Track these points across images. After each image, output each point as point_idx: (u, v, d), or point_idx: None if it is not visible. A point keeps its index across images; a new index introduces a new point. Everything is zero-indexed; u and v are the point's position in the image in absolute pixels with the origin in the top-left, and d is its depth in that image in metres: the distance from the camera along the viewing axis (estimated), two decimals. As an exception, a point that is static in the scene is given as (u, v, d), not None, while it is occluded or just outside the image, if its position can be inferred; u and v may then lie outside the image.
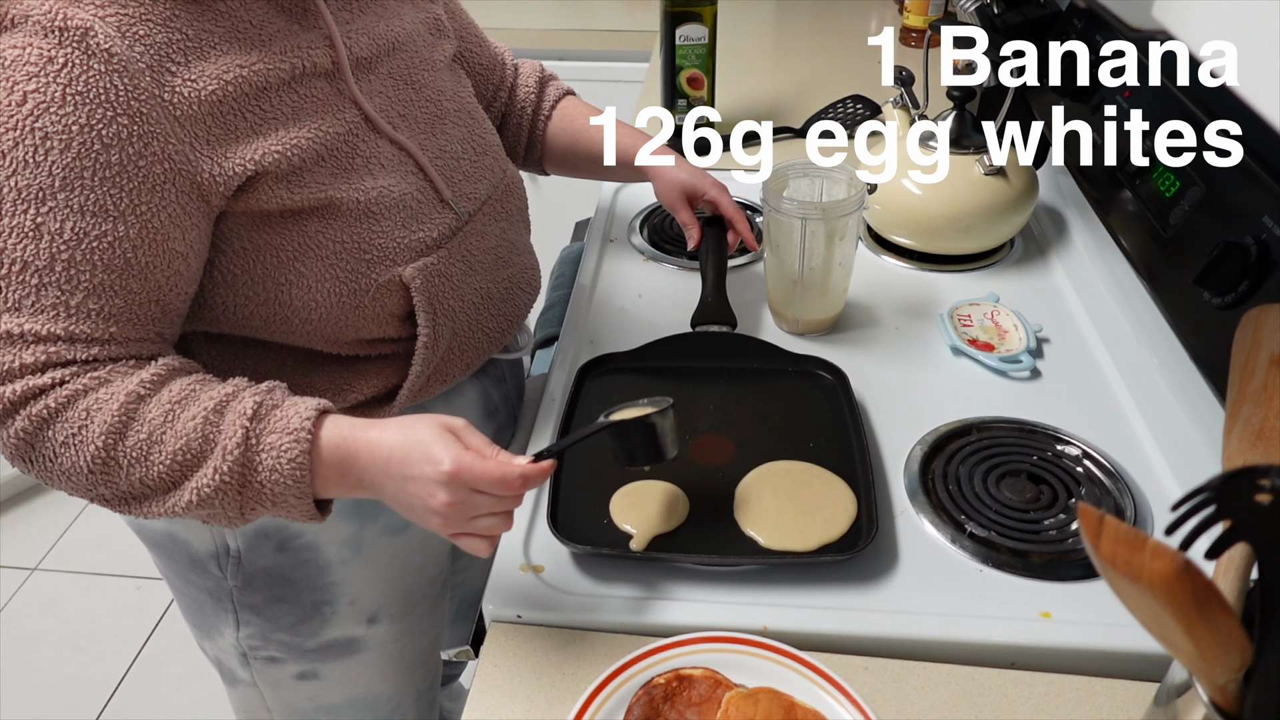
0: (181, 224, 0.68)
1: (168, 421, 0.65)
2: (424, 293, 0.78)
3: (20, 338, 0.63)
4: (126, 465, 0.64)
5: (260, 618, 0.88)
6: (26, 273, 0.63)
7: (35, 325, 0.63)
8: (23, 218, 0.62)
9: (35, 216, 0.62)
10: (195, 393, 0.66)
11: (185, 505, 0.65)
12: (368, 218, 0.75)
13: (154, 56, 0.65)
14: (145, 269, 0.66)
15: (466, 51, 0.99)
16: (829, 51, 1.83)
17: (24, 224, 0.62)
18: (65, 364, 0.64)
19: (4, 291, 0.63)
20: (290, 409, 0.66)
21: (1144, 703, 0.66)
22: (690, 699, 0.67)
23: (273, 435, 0.65)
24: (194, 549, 0.84)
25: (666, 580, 0.76)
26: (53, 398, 0.64)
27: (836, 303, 1.04)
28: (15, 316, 0.63)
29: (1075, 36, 1.17)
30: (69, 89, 0.62)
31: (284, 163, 0.70)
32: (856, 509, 0.80)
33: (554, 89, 1.08)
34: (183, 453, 0.64)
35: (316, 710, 0.97)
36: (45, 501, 2.23)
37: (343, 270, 0.75)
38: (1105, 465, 0.85)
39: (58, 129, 0.62)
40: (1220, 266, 0.80)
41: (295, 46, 0.72)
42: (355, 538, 0.85)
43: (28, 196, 0.62)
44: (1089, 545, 0.44)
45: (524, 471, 0.65)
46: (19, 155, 0.62)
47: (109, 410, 0.64)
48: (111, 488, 0.65)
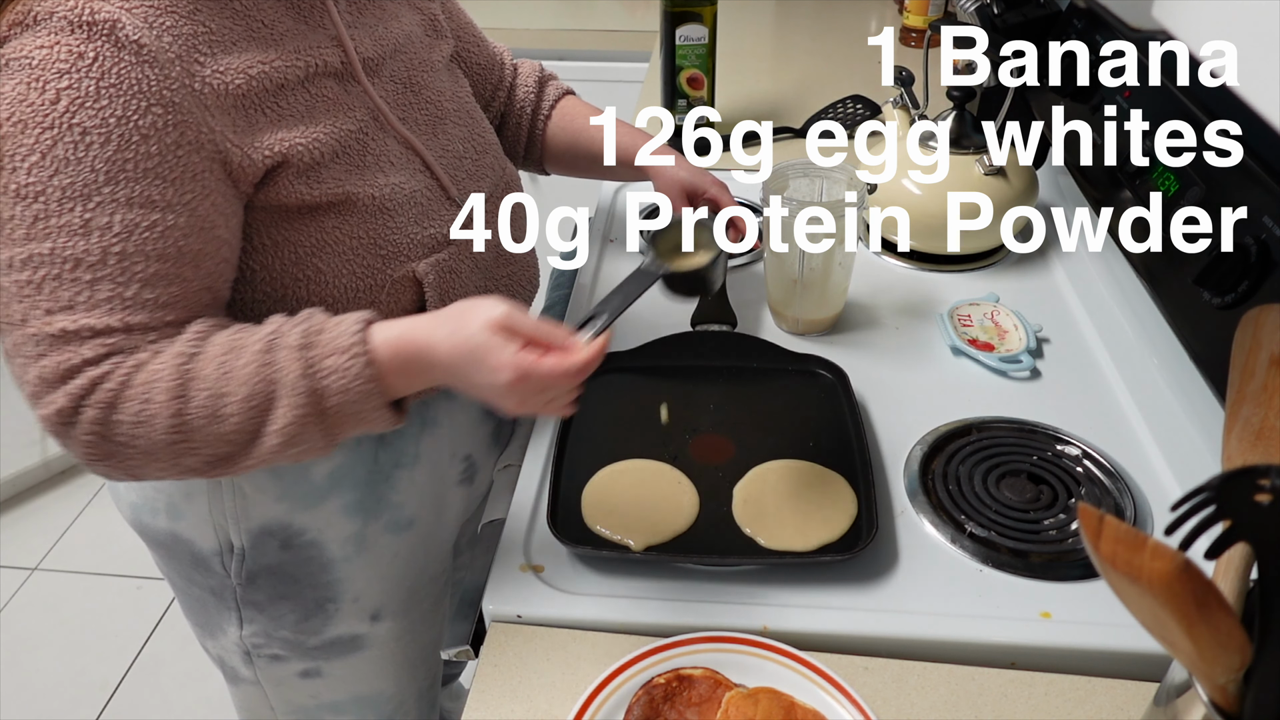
0: (224, 210, 0.68)
1: (224, 374, 0.65)
2: (436, 288, 0.79)
3: (77, 334, 0.63)
4: (200, 426, 0.64)
5: (264, 615, 0.88)
6: (79, 269, 0.63)
7: (91, 320, 0.63)
8: (70, 216, 0.62)
9: (83, 213, 0.62)
10: (239, 341, 0.67)
11: (274, 449, 0.66)
12: (382, 214, 0.76)
13: (182, 47, 0.65)
14: (196, 256, 0.67)
15: (464, 51, 0.99)
16: (829, 51, 1.83)
17: (72, 222, 0.62)
18: (130, 355, 0.65)
19: (58, 291, 0.63)
20: (335, 329, 0.67)
21: (1144, 703, 0.66)
22: (690, 699, 0.67)
23: (329, 359, 0.65)
24: (197, 548, 0.84)
25: (666, 580, 0.76)
26: (113, 381, 0.64)
27: (836, 302, 1.04)
28: (70, 314, 0.63)
29: (1075, 36, 1.17)
30: (102, 83, 0.62)
31: (305, 155, 0.71)
32: (857, 508, 0.80)
33: (553, 88, 1.08)
34: (250, 399, 0.65)
35: (319, 708, 0.97)
36: (45, 501, 2.23)
37: (358, 266, 0.75)
38: (1105, 465, 0.85)
39: (95, 123, 0.62)
40: (1220, 266, 0.80)
41: (307, 46, 0.73)
42: (359, 534, 0.86)
43: (73, 194, 0.62)
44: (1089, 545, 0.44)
45: (585, 361, 0.65)
46: (59, 154, 0.61)
47: (165, 378, 0.64)
48: (196, 454, 0.66)
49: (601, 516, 0.80)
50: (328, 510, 0.83)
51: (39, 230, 0.62)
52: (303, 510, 0.82)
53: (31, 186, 0.62)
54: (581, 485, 0.84)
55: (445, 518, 0.95)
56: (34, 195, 0.62)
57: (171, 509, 0.83)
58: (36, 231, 0.62)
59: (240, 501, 0.81)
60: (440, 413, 0.89)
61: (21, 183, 0.62)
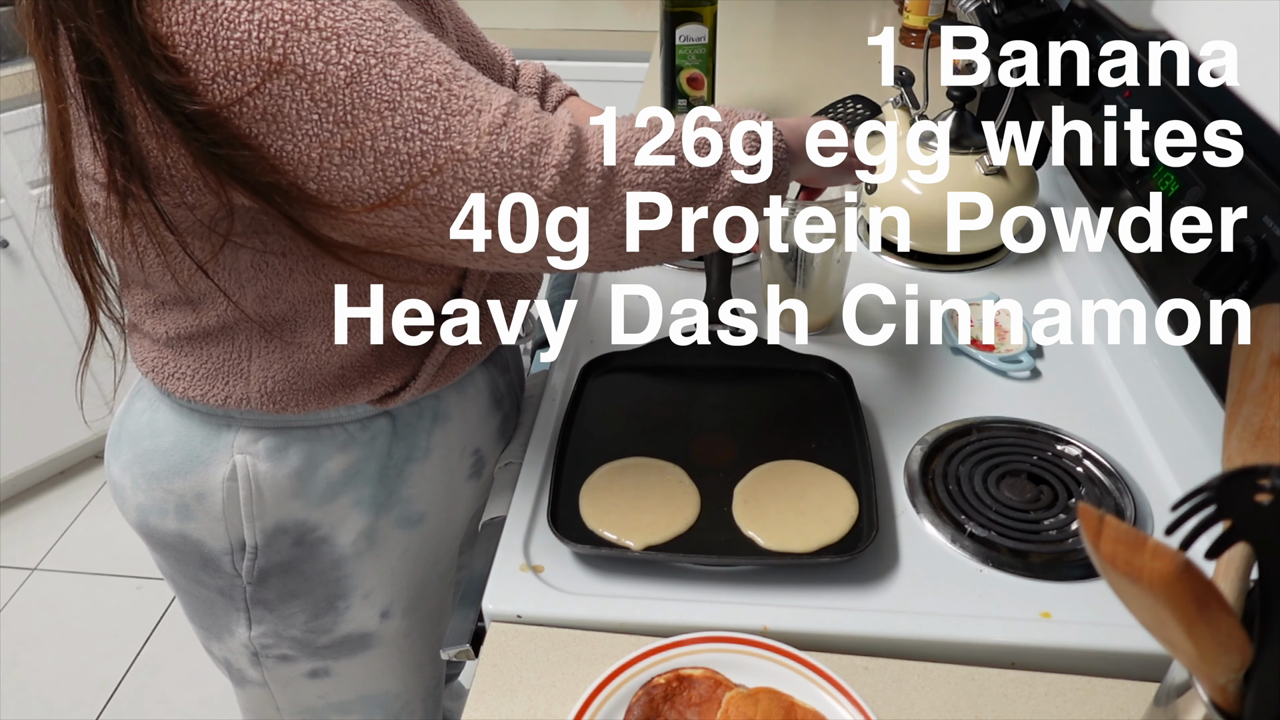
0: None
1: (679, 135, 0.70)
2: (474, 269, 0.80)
3: (509, 111, 0.64)
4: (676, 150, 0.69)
5: (273, 615, 0.88)
6: (455, 81, 0.62)
7: (501, 99, 0.64)
8: (405, 56, 0.61)
9: (407, 46, 0.61)
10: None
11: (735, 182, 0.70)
12: None
13: None
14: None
15: (464, 51, 0.99)
16: (829, 51, 1.83)
17: (410, 56, 0.61)
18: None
19: (461, 105, 0.62)
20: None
21: (1144, 703, 0.66)
22: (690, 699, 0.67)
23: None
24: (207, 548, 0.84)
25: (666, 580, 0.76)
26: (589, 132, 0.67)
27: (834, 301, 1.04)
28: (489, 108, 0.63)
29: (1075, 36, 1.17)
30: None
31: None
32: (857, 509, 0.80)
33: (556, 90, 1.08)
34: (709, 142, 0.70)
35: (327, 708, 0.97)
36: (45, 501, 2.24)
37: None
38: (1105, 465, 0.85)
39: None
40: (1220, 266, 0.80)
41: None
42: (370, 529, 0.86)
43: (387, 37, 0.60)
44: (1089, 545, 0.44)
45: None
46: (342, 26, 0.59)
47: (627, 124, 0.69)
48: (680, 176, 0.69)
49: (602, 516, 0.80)
50: (340, 506, 0.83)
51: (396, 82, 0.60)
52: (316, 506, 0.82)
53: (355, 62, 0.59)
54: (582, 484, 0.84)
55: (455, 512, 0.95)
56: (363, 65, 0.60)
57: (182, 510, 0.82)
58: (395, 83, 0.60)
59: (257, 499, 0.81)
60: (451, 406, 0.89)
61: (346, 64, 0.59)
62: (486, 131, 0.62)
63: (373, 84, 0.60)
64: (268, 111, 0.59)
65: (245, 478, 0.80)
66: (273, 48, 0.58)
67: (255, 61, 0.58)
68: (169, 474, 0.81)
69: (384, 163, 0.61)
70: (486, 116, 0.63)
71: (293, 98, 0.59)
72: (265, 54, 0.58)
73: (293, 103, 0.59)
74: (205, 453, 0.80)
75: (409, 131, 0.61)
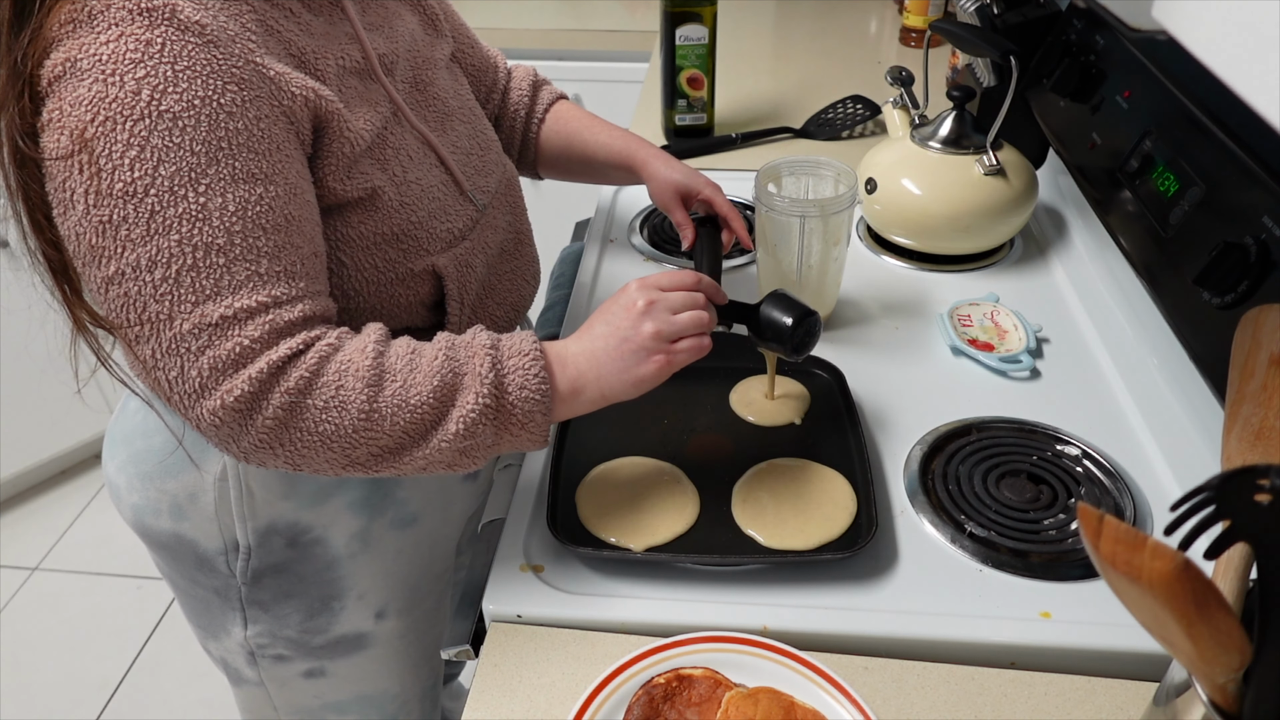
0: (304, 176, 0.69)
1: (413, 368, 0.67)
2: (456, 280, 0.81)
3: (234, 319, 0.63)
4: (389, 414, 0.66)
5: (269, 615, 0.88)
6: (211, 254, 0.62)
7: (241, 302, 0.63)
8: (186, 203, 0.61)
9: (197, 198, 0.62)
10: (418, 344, 0.69)
11: (449, 440, 0.67)
12: (404, 208, 0.77)
13: (237, 26, 0.65)
14: (300, 222, 0.67)
15: (459, 53, 0.99)
16: (829, 51, 1.83)
17: (190, 209, 0.61)
18: (289, 329, 0.65)
19: (199, 281, 0.62)
20: (514, 338, 0.71)
21: (1144, 703, 0.66)
22: (690, 699, 0.67)
23: (512, 359, 0.69)
24: (202, 548, 0.84)
25: (666, 580, 0.76)
26: (304, 366, 0.64)
27: (831, 300, 1.04)
28: (218, 301, 0.63)
29: (1075, 36, 1.17)
30: (176, 66, 0.61)
31: (346, 146, 0.72)
32: (856, 508, 0.80)
33: (547, 93, 1.08)
34: (439, 390, 0.66)
35: (323, 708, 0.97)
36: (45, 501, 2.23)
37: (380, 259, 0.76)
38: (1105, 465, 0.85)
39: (182, 107, 0.61)
40: (1220, 266, 0.80)
41: (332, 43, 0.74)
42: (364, 531, 0.86)
43: (182, 181, 0.61)
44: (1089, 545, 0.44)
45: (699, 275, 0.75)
46: (157, 143, 0.61)
47: (361, 366, 0.65)
48: (372, 444, 0.66)
49: (601, 517, 0.80)
50: (333, 507, 0.83)
51: (159, 224, 0.61)
52: (309, 508, 0.82)
53: (139, 181, 0.60)
54: (581, 484, 0.84)
55: (449, 514, 0.95)
56: (143, 190, 0.61)
57: (175, 510, 0.83)
58: (157, 226, 0.61)
59: (248, 500, 0.81)
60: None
61: (127, 180, 0.60)
62: (195, 324, 0.62)
63: (139, 211, 0.61)
64: (65, 182, 0.61)
65: (236, 478, 0.80)
66: (91, 122, 0.60)
67: (75, 129, 0.60)
68: (162, 474, 0.82)
69: (109, 287, 0.63)
70: (212, 309, 0.62)
71: (80, 179, 0.61)
72: (84, 126, 0.60)
73: (80, 184, 0.61)
74: (196, 453, 0.80)
75: (139, 274, 0.62)
